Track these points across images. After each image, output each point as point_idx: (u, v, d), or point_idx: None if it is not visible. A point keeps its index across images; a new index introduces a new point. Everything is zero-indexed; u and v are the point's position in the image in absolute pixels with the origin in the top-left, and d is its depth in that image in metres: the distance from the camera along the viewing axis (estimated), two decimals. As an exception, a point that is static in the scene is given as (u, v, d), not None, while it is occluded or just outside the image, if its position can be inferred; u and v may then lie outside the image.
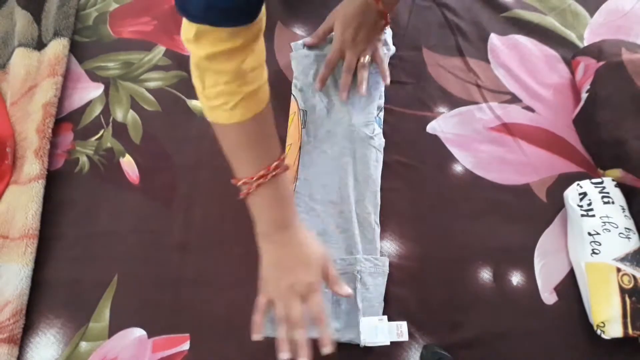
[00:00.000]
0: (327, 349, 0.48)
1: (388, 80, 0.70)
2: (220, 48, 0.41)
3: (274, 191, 0.50)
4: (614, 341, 0.58)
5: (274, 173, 0.49)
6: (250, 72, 0.45)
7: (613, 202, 0.64)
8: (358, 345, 0.58)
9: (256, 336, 0.51)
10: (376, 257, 0.62)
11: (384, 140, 0.69)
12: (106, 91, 0.74)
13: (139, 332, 0.58)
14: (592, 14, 0.89)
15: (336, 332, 0.58)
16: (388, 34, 0.74)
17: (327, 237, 0.63)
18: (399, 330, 0.58)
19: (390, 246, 0.65)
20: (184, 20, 0.41)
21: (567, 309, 0.62)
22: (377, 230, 0.64)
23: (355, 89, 0.69)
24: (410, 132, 0.74)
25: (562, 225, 0.68)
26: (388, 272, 0.62)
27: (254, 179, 0.48)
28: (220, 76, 0.44)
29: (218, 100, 0.45)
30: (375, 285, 0.61)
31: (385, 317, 0.59)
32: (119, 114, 0.72)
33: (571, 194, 0.67)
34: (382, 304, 0.61)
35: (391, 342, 0.58)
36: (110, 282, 0.60)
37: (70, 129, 0.70)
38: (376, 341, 0.57)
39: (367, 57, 0.68)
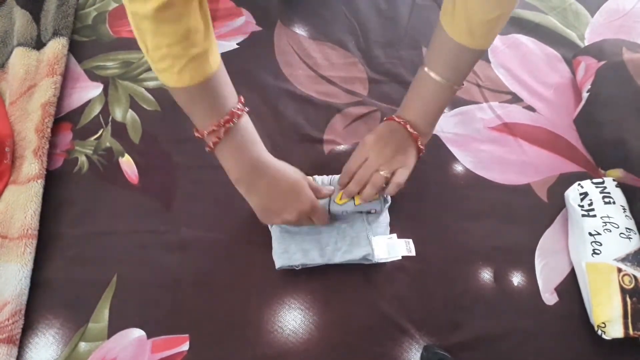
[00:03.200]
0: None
1: (384, 201, 0.62)
2: (154, 3, 0.40)
3: (239, 136, 0.52)
4: (615, 342, 0.58)
5: (230, 124, 0.50)
6: (194, 33, 0.44)
7: (614, 202, 0.64)
8: (358, 346, 0.58)
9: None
10: None
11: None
12: (105, 91, 0.73)
13: (138, 333, 0.57)
14: (593, 13, 0.89)
15: (348, 253, 0.59)
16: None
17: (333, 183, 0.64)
18: (408, 247, 0.60)
19: (391, 246, 0.65)
20: None
21: (567, 310, 0.62)
22: None
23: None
24: (410, 131, 0.73)
25: (563, 225, 0.68)
26: (390, 202, 0.63)
27: (219, 126, 0.50)
28: (161, 38, 0.43)
29: (163, 63, 0.44)
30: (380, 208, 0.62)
31: (394, 235, 0.60)
32: (118, 114, 0.72)
33: (572, 194, 0.67)
34: (388, 227, 0.63)
35: (391, 341, 0.58)
36: (110, 282, 0.60)
37: (69, 129, 0.70)
38: (388, 257, 0.60)
39: (385, 172, 0.58)
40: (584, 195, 0.65)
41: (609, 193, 0.65)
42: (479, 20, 0.51)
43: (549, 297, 0.63)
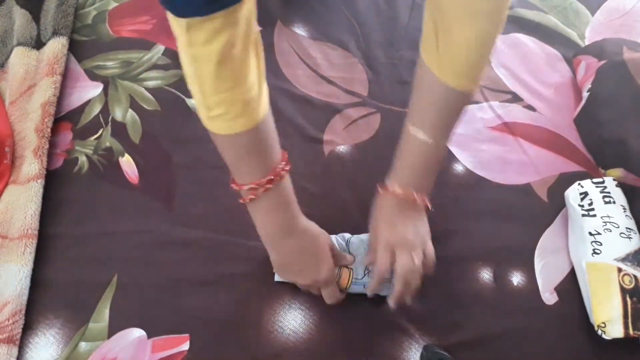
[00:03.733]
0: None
1: (409, 299, 0.57)
2: (218, 45, 0.38)
3: (277, 196, 0.50)
4: (614, 341, 0.58)
5: (280, 175, 0.48)
6: (252, 73, 0.43)
7: (614, 202, 0.64)
8: (359, 348, 0.58)
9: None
10: None
11: None
12: (105, 90, 0.73)
13: (138, 333, 0.57)
14: (593, 12, 0.89)
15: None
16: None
17: None
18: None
19: (391, 246, 0.65)
20: (174, 24, 0.38)
21: (567, 309, 0.62)
22: None
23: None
24: (410, 131, 0.73)
25: (563, 225, 0.68)
26: None
27: (260, 185, 0.47)
28: (222, 82, 0.41)
29: (219, 109, 0.43)
30: None
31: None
32: (118, 114, 0.72)
33: (572, 194, 0.67)
34: None
35: (391, 341, 0.59)
36: (110, 282, 0.60)
37: (69, 129, 0.70)
38: (381, 293, 0.58)
39: (420, 257, 0.54)
40: (584, 194, 0.65)
41: (609, 193, 0.65)
42: (466, 59, 0.46)
43: (549, 297, 0.63)
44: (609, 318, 0.57)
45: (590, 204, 0.64)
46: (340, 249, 0.60)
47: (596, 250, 0.61)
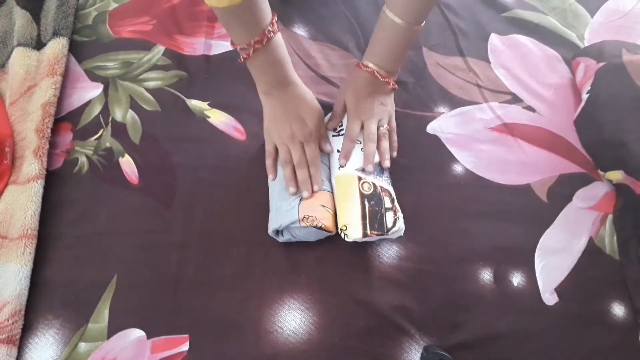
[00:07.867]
0: (316, 187, 0.62)
1: (388, 161, 0.66)
2: None
3: (270, 54, 0.58)
4: (616, 343, 0.58)
5: (267, 37, 0.56)
6: None
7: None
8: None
9: (271, 177, 0.65)
10: None
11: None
12: (105, 91, 0.73)
13: (138, 333, 0.57)
14: (592, 14, 0.90)
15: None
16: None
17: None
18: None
19: (391, 247, 0.65)
20: None
21: (567, 310, 0.62)
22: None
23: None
24: (410, 132, 0.74)
25: (563, 225, 0.68)
26: None
27: (249, 45, 0.56)
28: None
29: None
30: None
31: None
32: (118, 114, 0.72)
33: None
34: None
35: (391, 341, 0.58)
36: (110, 282, 0.60)
37: (70, 129, 0.70)
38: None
39: (386, 125, 0.66)
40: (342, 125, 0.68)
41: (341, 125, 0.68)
42: None
43: (549, 297, 0.63)
44: (349, 221, 0.60)
45: (341, 126, 0.68)
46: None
47: (342, 165, 0.64)
